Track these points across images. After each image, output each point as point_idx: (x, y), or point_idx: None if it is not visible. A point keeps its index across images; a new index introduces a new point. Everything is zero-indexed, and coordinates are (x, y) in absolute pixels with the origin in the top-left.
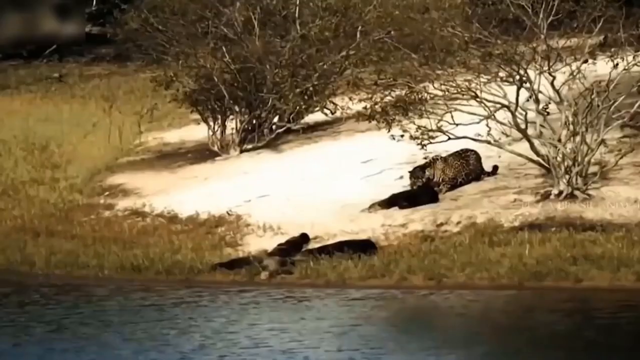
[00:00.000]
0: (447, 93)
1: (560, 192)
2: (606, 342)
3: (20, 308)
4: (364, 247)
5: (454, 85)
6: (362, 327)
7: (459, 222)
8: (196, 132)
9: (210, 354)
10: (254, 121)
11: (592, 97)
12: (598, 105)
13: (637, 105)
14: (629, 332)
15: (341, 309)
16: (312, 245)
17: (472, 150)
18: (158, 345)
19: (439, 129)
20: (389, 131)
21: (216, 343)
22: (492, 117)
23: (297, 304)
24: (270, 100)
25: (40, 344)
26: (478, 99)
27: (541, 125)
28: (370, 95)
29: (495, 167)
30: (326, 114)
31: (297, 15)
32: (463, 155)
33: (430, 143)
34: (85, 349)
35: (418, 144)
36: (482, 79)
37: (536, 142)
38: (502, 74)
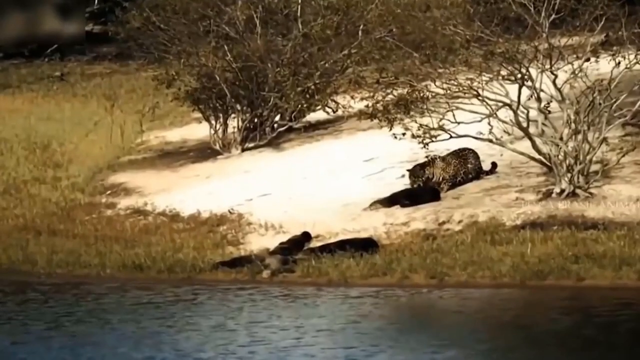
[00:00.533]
0: (448, 91)
1: (562, 191)
2: (608, 340)
3: (19, 306)
4: (366, 245)
5: (455, 83)
6: (361, 324)
7: (460, 221)
8: (198, 130)
9: (208, 352)
10: (256, 120)
11: (594, 95)
12: (600, 104)
13: (638, 103)
14: (630, 331)
15: (340, 307)
16: (314, 244)
17: (470, 149)
18: (156, 343)
19: (441, 128)
20: (390, 130)
21: (214, 341)
22: (494, 115)
23: (297, 302)
24: (272, 99)
25: (39, 342)
26: (480, 98)
27: (543, 124)
28: (372, 94)
29: (494, 165)
30: (328, 113)
31: (298, 13)
32: (461, 154)
33: (432, 141)
34: (83, 347)
35: (420, 143)
36: (483, 78)
37: (538, 141)
38: (503, 72)
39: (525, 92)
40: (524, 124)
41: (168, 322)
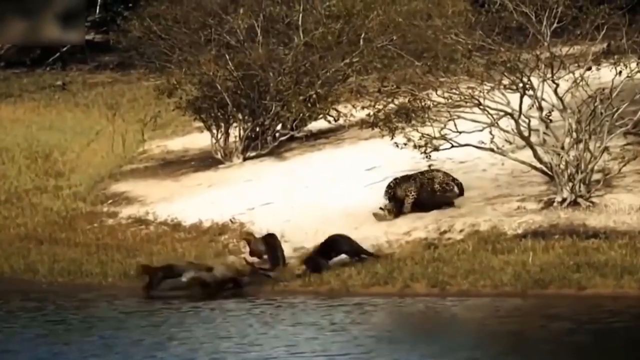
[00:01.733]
0: (450, 100)
1: (564, 200)
2: (609, 349)
3: (11, 314)
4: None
5: (457, 92)
6: (354, 332)
7: (462, 230)
8: (199, 139)
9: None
10: (257, 129)
11: (595, 104)
12: (601, 113)
13: None
14: (631, 340)
15: (334, 316)
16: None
17: (436, 171)
18: (148, 351)
19: (443, 137)
20: (392, 138)
21: (205, 349)
22: (496, 124)
23: (290, 310)
24: (274, 108)
25: (29, 351)
26: (481, 107)
27: (544, 133)
28: (373, 103)
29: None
30: (329, 122)
31: (300, 22)
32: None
33: (434, 151)
34: (73, 354)
35: (422, 153)
36: (485, 87)
37: (539, 150)
38: (505, 81)
39: (527, 101)
40: (526, 133)
41: (161, 331)
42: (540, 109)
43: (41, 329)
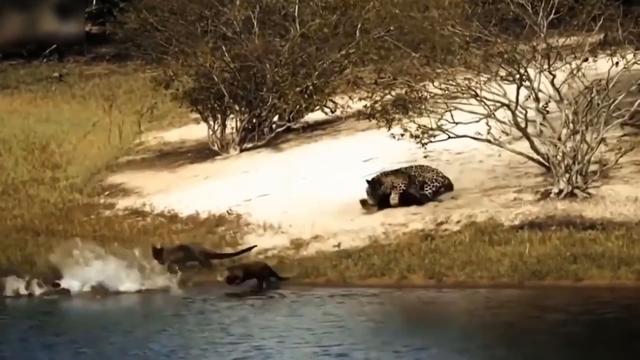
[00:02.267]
0: (447, 92)
1: (561, 191)
2: (605, 340)
3: (2, 305)
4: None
5: (454, 84)
6: (347, 324)
7: (459, 221)
8: (196, 131)
9: (192, 350)
10: (254, 120)
11: (592, 95)
12: (598, 104)
13: (637, 103)
14: (627, 331)
15: (327, 307)
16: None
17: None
18: (141, 341)
19: (439, 128)
20: (389, 130)
21: (197, 340)
22: (492, 115)
23: (284, 301)
24: (270, 99)
25: (21, 342)
26: (478, 98)
27: (541, 124)
28: (370, 94)
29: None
30: (326, 113)
31: (296, 13)
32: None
33: (431, 142)
34: (65, 346)
35: (418, 142)
36: (482, 78)
37: (536, 141)
38: (502, 72)
39: (524, 92)
40: (522, 124)
41: (154, 321)
42: (537, 100)
43: (35, 321)
